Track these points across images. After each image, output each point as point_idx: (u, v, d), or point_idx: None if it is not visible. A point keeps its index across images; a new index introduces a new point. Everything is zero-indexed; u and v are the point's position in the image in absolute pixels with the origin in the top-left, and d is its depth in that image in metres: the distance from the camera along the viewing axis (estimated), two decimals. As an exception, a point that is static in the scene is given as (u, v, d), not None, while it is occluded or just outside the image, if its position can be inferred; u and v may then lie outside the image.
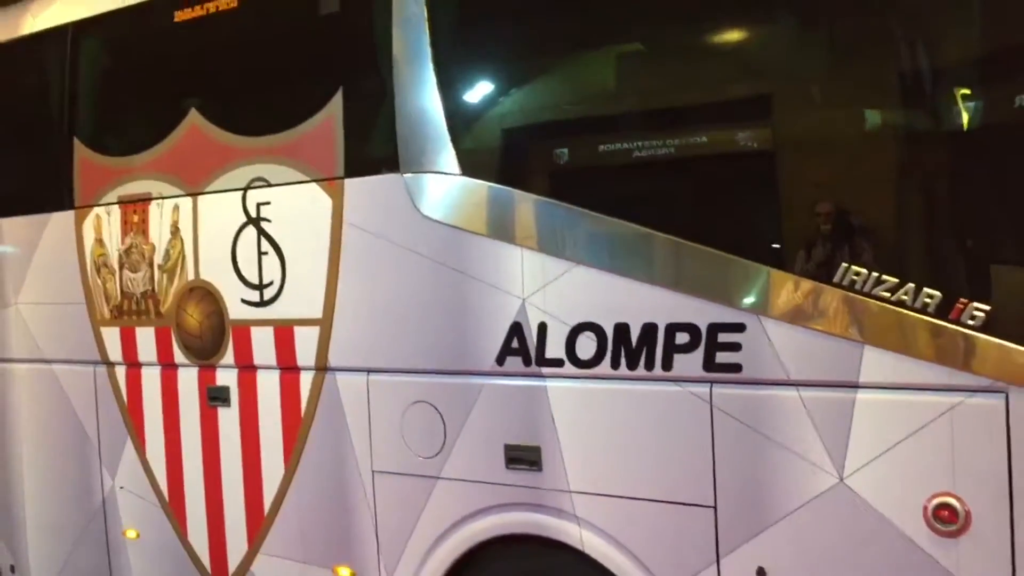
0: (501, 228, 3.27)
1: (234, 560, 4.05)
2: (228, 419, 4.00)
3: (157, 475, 4.27)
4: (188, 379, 4.12)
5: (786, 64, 3.00)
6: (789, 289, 2.75)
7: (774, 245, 2.87)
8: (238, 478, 3.99)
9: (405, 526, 3.54)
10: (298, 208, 3.73)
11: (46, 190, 4.60)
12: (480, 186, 3.32)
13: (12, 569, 4.93)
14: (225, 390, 3.99)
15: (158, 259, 4.18)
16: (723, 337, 2.86)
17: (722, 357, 2.87)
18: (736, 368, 2.85)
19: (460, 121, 3.42)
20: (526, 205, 3.24)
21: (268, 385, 3.87)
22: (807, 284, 2.73)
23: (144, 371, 4.28)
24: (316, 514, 3.78)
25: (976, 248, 2.64)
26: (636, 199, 3.10)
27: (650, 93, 3.21)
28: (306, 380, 3.75)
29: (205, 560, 4.15)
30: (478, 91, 3.57)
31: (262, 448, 3.90)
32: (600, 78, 3.37)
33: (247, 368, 3.93)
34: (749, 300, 2.82)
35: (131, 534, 4.40)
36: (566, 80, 3.43)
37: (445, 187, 3.38)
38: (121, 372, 4.36)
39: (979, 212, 2.64)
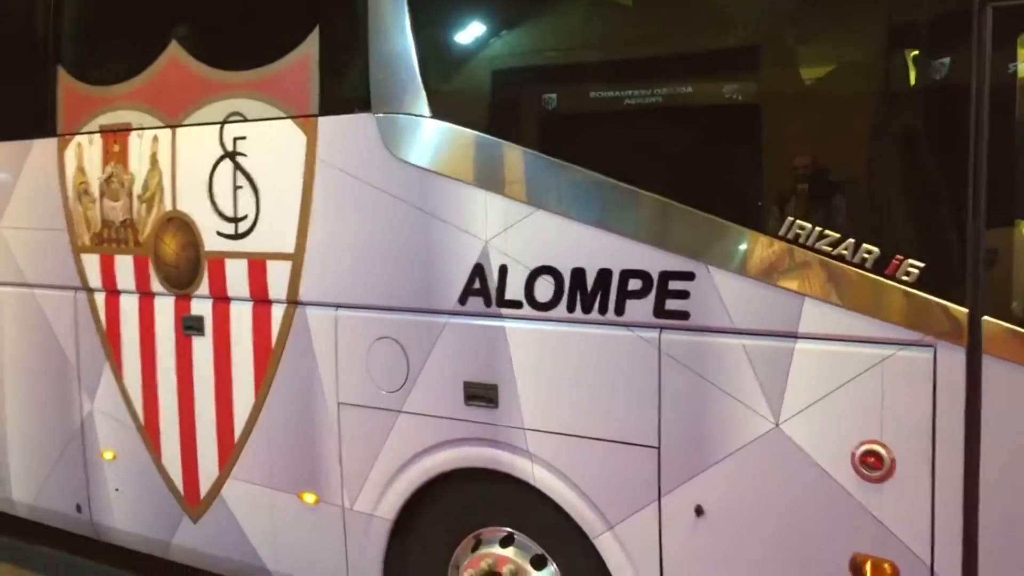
0: (467, 171, 3.34)
1: (205, 484, 4.19)
2: (202, 348, 4.11)
3: (134, 400, 4.40)
4: (164, 308, 4.22)
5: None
6: (737, 240, 2.83)
7: (725, 197, 2.94)
8: (210, 405, 4.11)
9: (368, 457, 3.67)
10: (273, 144, 3.79)
11: (30, 116, 4.64)
12: (449, 129, 3.38)
13: (-7, 485, 5.08)
14: (199, 320, 4.09)
15: (137, 189, 4.25)
16: (673, 285, 2.95)
17: (671, 304, 2.96)
18: (684, 315, 2.94)
19: (432, 63, 3.47)
20: (492, 149, 3.30)
21: (241, 316, 3.97)
22: (754, 236, 2.81)
23: (122, 298, 4.37)
24: (284, 442, 3.91)
25: (913, 206, 2.73)
26: (595, 147, 3.16)
27: (612, 41, 3.26)
28: (277, 313, 3.85)
29: (178, 483, 4.29)
30: (451, 34, 3.61)
31: (233, 377, 4.02)
32: (570, 27, 3.41)
33: (221, 299, 4.03)
34: (699, 250, 2.90)
35: (108, 455, 4.54)
36: (536, 24, 3.47)
37: (415, 129, 3.44)
38: (100, 298, 4.46)
39: (917, 171, 2.71)
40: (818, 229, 2.69)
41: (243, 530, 4.09)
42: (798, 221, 2.73)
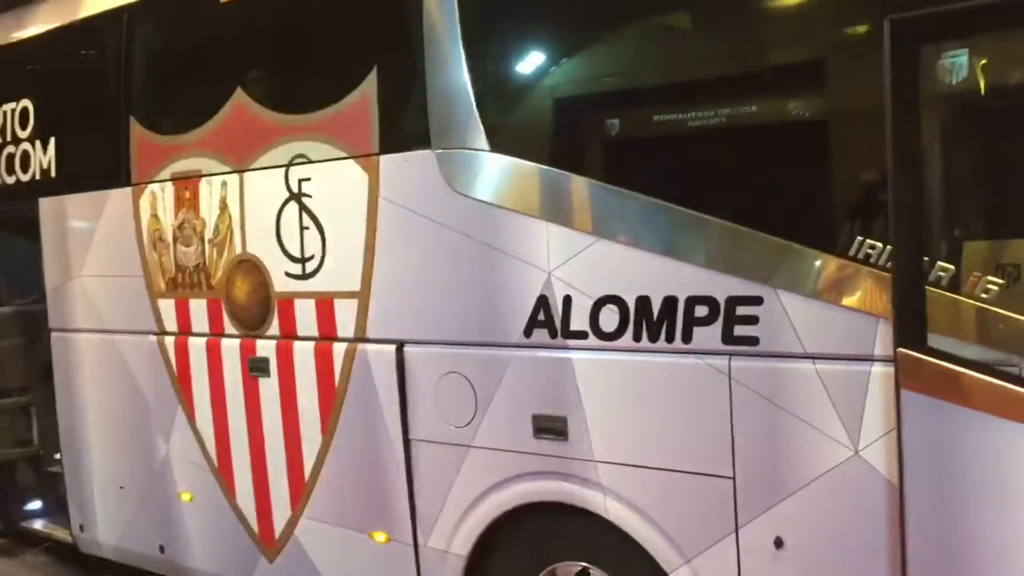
0: (527, 203, 3.33)
1: (279, 524, 4.23)
2: (268, 389, 4.16)
3: (206, 441, 4.48)
4: (231, 350, 4.29)
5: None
6: (806, 263, 2.75)
7: (791, 218, 2.86)
8: (280, 446, 4.15)
9: (440, 493, 3.66)
10: (336, 184, 3.85)
11: (105, 168, 4.80)
12: (508, 162, 3.38)
13: (81, 528, 5.21)
14: (265, 361, 4.14)
15: (208, 234, 4.35)
16: (741, 310, 2.88)
17: (740, 330, 2.89)
18: (754, 341, 2.87)
19: (489, 98, 3.48)
20: (551, 180, 3.29)
21: (304, 356, 4.01)
22: (823, 258, 2.73)
23: (191, 341, 4.47)
24: (352, 482, 3.92)
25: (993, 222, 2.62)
26: (656, 174, 3.12)
27: (669, 67, 3.23)
28: (339, 351, 3.88)
29: (253, 523, 4.34)
30: (506, 68, 3.63)
31: (300, 417, 4.06)
32: (628, 52, 3.39)
33: (285, 339, 4.09)
34: (766, 273, 2.83)
35: (185, 497, 4.61)
36: (591, 55, 3.45)
37: (474, 163, 3.45)
38: (170, 342, 4.57)
39: (989, 188, 2.61)
40: (889, 248, 2.60)
41: (318, 569, 4.11)
42: (868, 240, 2.64)
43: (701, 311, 2.96)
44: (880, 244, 2.62)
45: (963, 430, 2.44)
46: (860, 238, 2.66)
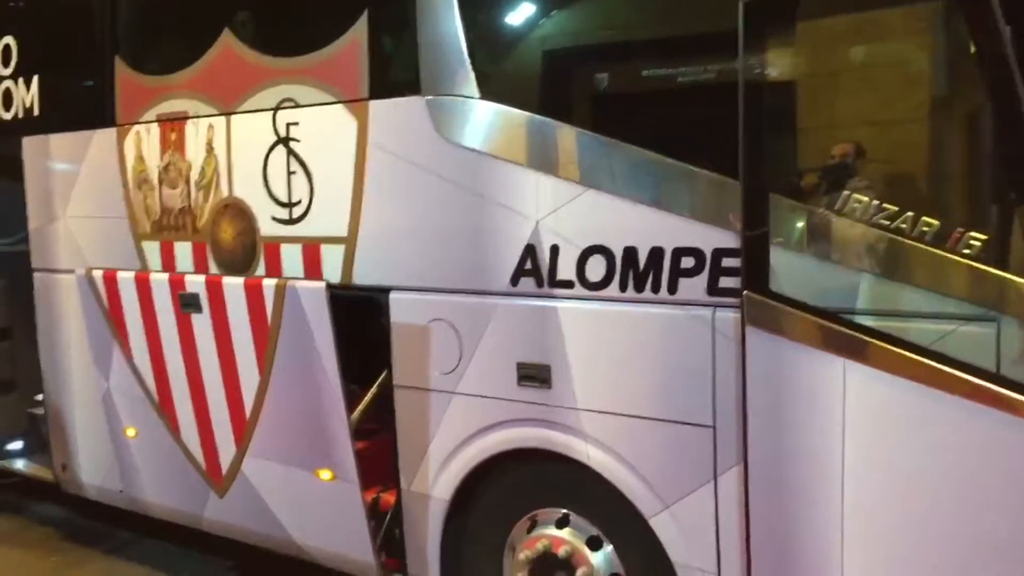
0: (517, 152, 3.33)
1: (225, 460, 4.28)
2: (201, 325, 4.18)
3: (145, 378, 4.50)
4: (161, 284, 4.31)
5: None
6: (791, 215, 2.78)
7: (778, 172, 2.88)
8: (219, 383, 4.17)
9: (423, 439, 3.70)
10: (325, 129, 3.82)
11: (90, 107, 4.75)
12: (498, 110, 3.37)
13: (63, 468, 5.23)
14: (195, 297, 4.14)
15: (194, 176, 4.32)
16: (727, 262, 2.91)
17: (725, 282, 2.92)
18: (737, 293, 2.90)
19: (480, 45, 3.46)
20: (541, 129, 3.29)
21: (234, 293, 4.01)
22: (809, 211, 2.76)
23: (120, 275, 4.48)
24: (292, 420, 3.96)
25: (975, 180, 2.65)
26: (646, 124, 3.13)
27: (661, 21, 3.22)
28: (269, 287, 3.87)
29: (200, 459, 4.38)
30: (499, 15, 3.60)
31: (236, 355, 4.07)
32: (620, 4, 3.38)
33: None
34: (752, 226, 2.85)
35: (130, 432, 4.63)
36: (585, 5, 3.44)
37: (464, 110, 3.44)
38: (98, 275, 4.57)
39: (980, 145, 2.64)
40: (875, 203, 2.63)
41: (267, 504, 4.18)
42: (854, 195, 2.67)
43: (687, 262, 2.99)
44: (865, 199, 2.65)
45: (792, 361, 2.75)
46: (846, 193, 2.68)
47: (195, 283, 4.14)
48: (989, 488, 2.52)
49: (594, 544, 3.41)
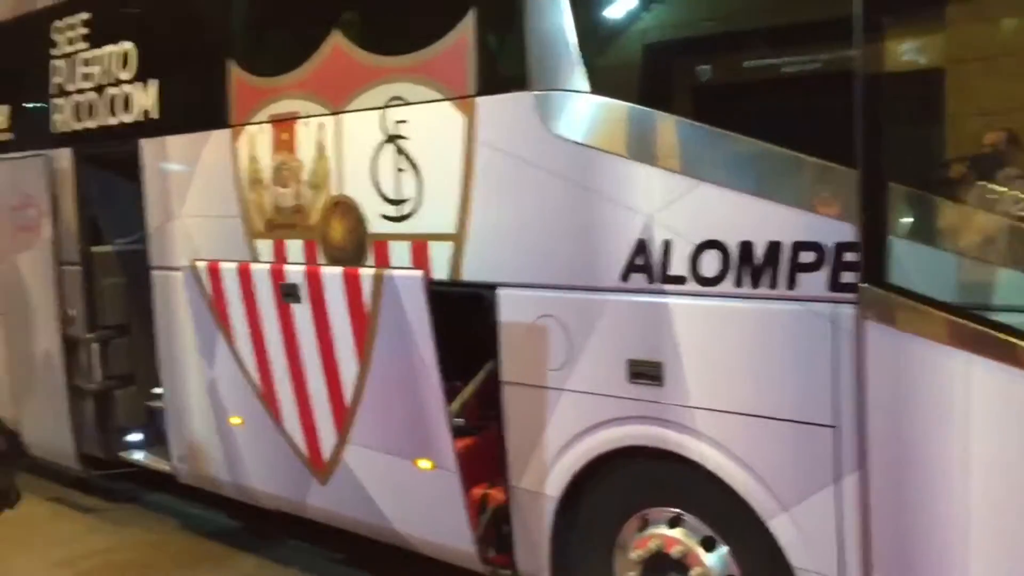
0: (628, 145, 3.28)
1: (327, 448, 4.30)
2: (301, 315, 4.17)
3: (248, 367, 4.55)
4: (262, 274, 4.32)
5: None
6: (916, 208, 2.67)
7: (900, 162, 2.76)
8: (319, 372, 4.19)
9: (531, 436, 3.69)
10: (433, 126, 3.84)
11: (205, 110, 4.88)
12: (609, 104, 3.33)
13: (181, 460, 5.40)
14: (294, 287, 4.13)
15: (305, 175, 4.40)
16: (849, 256, 2.81)
17: (847, 277, 2.82)
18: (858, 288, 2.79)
19: (590, 38, 3.42)
20: (653, 122, 3.24)
21: (333, 282, 3.99)
22: (935, 202, 2.64)
23: (223, 266, 4.50)
24: (391, 409, 3.95)
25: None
26: (761, 115, 3.04)
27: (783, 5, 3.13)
28: (367, 276, 3.83)
29: (302, 446, 4.42)
30: (607, 6, 3.55)
31: (335, 343, 4.08)
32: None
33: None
34: (877, 219, 2.75)
35: (235, 421, 4.64)
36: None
37: (573, 104, 3.41)
38: (203, 267, 4.58)
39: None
40: (1013, 194, 2.50)
41: (368, 492, 4.20)
42: (988, 186, 2.54)
43: (807, 257, 2.90)
44: (1002, 189, 2.52)
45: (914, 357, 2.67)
46: (981, 184, 2.56)
47: (295, 273, 4.15)
48: None
49: (708, 545, 3.34)
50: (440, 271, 3.88)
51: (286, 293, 4.19)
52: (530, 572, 3.81)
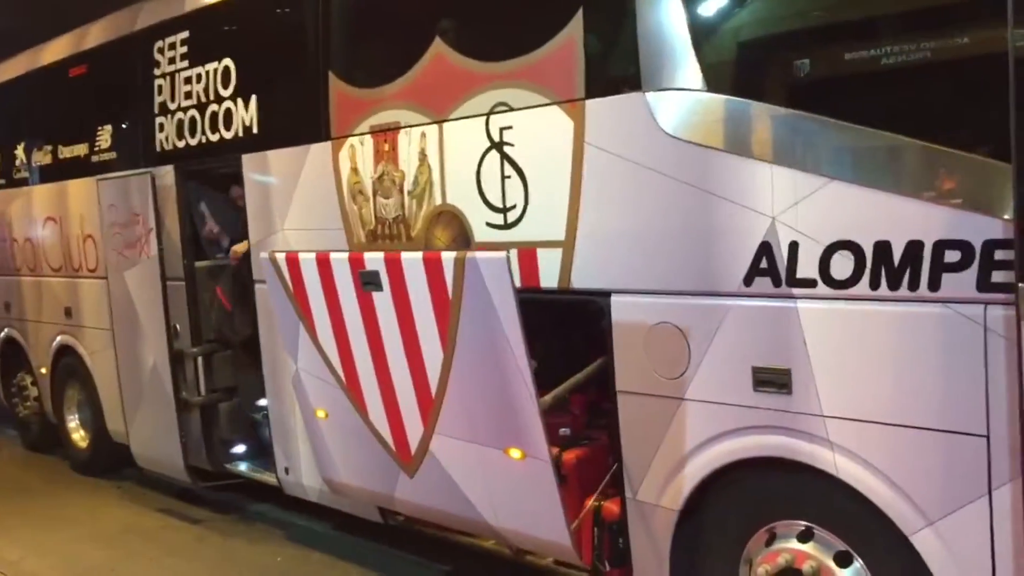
0: (748, 144, 3.17)
1: (413, 440, 4.16)
2: (383, 303, 4.00)
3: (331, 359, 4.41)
4: (341, 263, 4.13)
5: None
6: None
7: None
8: (402, 362, 4.02)
9: (649, 446, 3.58)
10: (539, 131, 3.77)
11: (305, 123, 4.89)
12: (725, 101, 3.22)
13: (287, 471, 5.44)
14: (375, 275, 3.95)
15: (408, 185, 4.37)
16: (1000, 255, 2.64)
17: (998, 276, 2.65)
18: (1012, 288, 2.62)
19: (703, 35, 3.32)
20: (774, 119, 3.12)
21: (413, 268, 3.79)
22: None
23: (302, 256, 4.34)
24: (479, 398, 3.80)
25: None
26: (894, 107, 2.89)
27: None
28: (448, 260, 3.65)
29: (388, 439, 4.27)
30: (721, 2, 3.43)
31: (418, 332, 3.91)
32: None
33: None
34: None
35: (321, 414, 4.62)
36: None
37: (688, 104, 3.30)
38: (281, 258, 4.40)
39: None
40: None
41: (457, 483, 4.04)
42: None
43: (952, 256, 2.73)
44: None
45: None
46: None
47: (374, 260, 3.95)
48: None
49: (842, 560, 3.19)
50: (549, 279, 3.81)
51: (366, 281, 4.02)
52: (649, 587, 3.70)
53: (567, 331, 4.18)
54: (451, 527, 4.39)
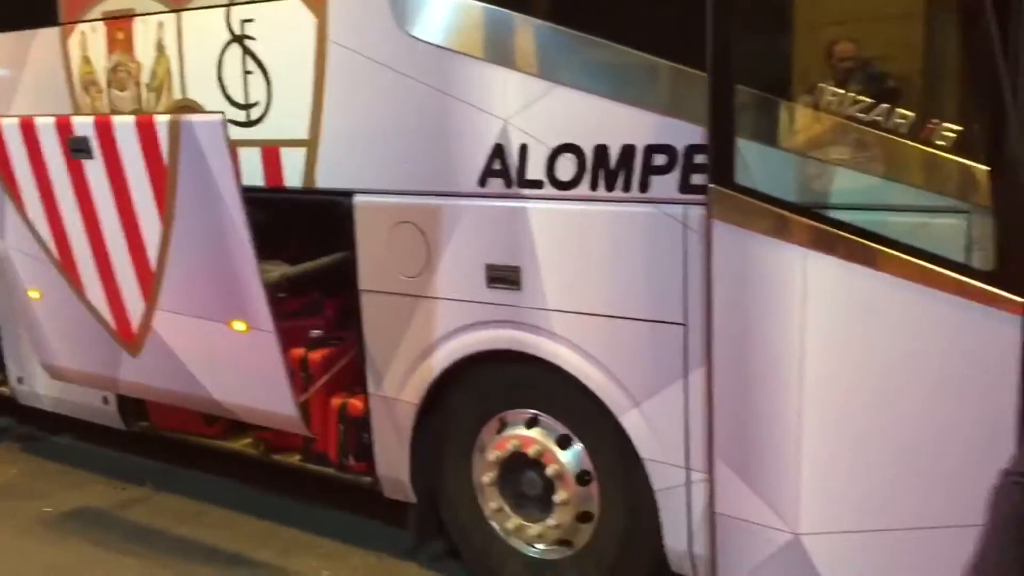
0: (484, 47, 3.24)
1: (135, 317, 3.98)
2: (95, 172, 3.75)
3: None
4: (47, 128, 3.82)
5: None
6: (763, 110, 2.75)
7: (750, 69, 2.83)
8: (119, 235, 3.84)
9: (390, 343, 3.68)
10: (282, 26, 3.69)
11: (31, 5, 4.52)
12: (465, 4, 3.27)
13: (20, 380, 5.14)
14: (84, 140, 3.66)
15: (145, 78, 4.15)
16: (700, 159, 2.88)
17: (698, 179, 2.90)
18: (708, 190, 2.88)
19: (443, -66, 3.33)
20: (509, 24, 3.20)
21: (126, 133, 3.58)
22: (781, 104, 2.73)
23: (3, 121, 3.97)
24: (200, 269, 3.69)
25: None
26: (618, 19, 3.04)
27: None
28: (162, 124, 3.47)
29: (108, 318, 4.07)
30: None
31: (133, 203, 3.68)
32: None
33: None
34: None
35: (34, 295, 4.36)
36: None
37: (429, 4, 3.33)
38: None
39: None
40: (849, 95, 2.60)
41: (182, 360, 3.91)
42: (830, 88, 2.64)
43: (659, 160, 2.95)
44: (842, 91, 2.63)
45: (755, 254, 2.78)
46: (822, 86, 2.66)
47: (84, 125, 3.69)
48: (949, 372, 2.56)
49: (564, 443, 3.45)
50: (293, 178, 3.77)
51: (76, 148, 3.74)
52: (390, 477, 3.84)
53: (317, 232, 4.16)
54: (180, 405, 4.25)
